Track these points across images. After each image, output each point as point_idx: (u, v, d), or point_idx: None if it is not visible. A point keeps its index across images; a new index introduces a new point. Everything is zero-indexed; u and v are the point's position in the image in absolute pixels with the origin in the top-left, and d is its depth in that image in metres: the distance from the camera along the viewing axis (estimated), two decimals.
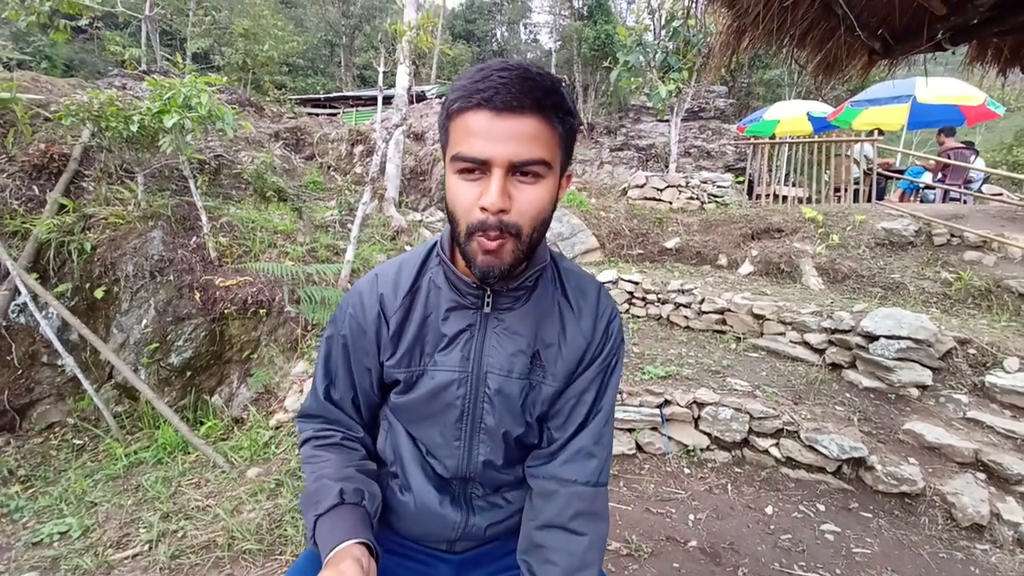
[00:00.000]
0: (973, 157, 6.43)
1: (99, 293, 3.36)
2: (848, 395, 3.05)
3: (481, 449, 0.87)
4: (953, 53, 1.66)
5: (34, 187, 3.62)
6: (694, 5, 1.55)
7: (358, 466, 0.87)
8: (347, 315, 0.90)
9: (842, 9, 1.40)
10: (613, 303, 0.93)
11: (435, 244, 0.88)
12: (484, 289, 0.83)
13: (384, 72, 5.87)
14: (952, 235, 4.80)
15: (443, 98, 0.76)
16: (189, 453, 2.93)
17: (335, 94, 13.49)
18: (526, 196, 0.69)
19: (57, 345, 3.11)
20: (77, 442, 3.19)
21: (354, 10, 20.93)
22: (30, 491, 2.72)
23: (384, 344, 0.87)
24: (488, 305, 0.84)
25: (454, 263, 0.83)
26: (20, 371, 3.30)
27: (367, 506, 0.81)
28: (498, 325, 0.84)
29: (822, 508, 2.45)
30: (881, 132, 6.64)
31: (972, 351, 3.10)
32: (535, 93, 0.66)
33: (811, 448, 2.64)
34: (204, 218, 3.70)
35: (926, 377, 2.97)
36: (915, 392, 2.99)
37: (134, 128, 3.32)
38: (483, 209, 0.68)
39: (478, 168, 0.68)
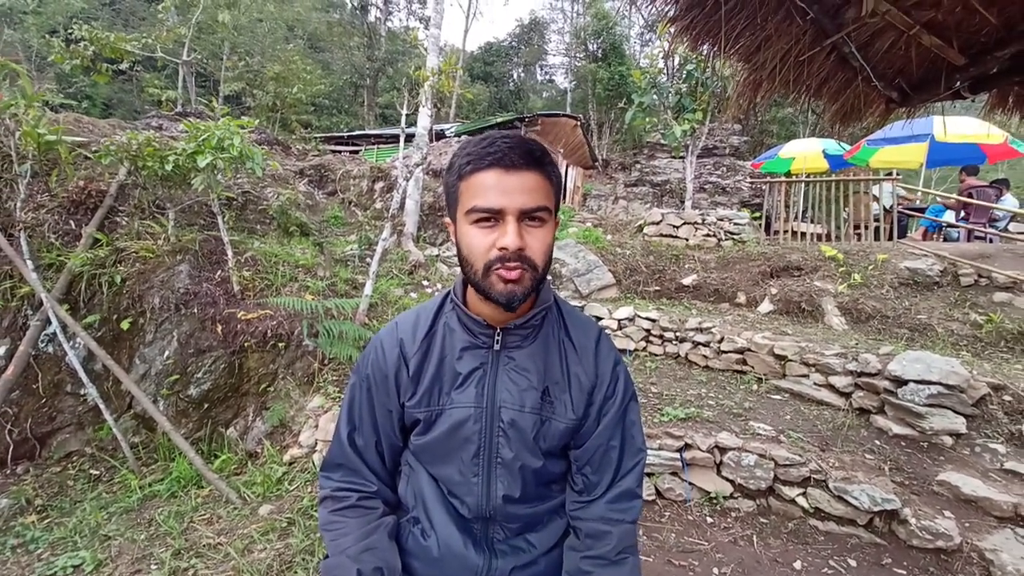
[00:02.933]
0: (1004, 194, 6.31)
1: (125, 324, 3.43)
2: (878, 442, 2.93)
3: (499, 484, 0.90)
4: (973, 101, 1.66)
5: (71, 222, 3.78)
6: (710, 57, 1.60)
7: (376, 529, 0.90)
8: (369, 361, 0.95)
9: (858, 61, 1.42)
10: (614, 344, 0.99)
11: (448, 293, 0.96)
12: (493, 328, 0.89)
13: (406, 113, 6.09)
14: (980, 275, 4.69)
15: (450, 164, 0.84)
16: (203, 487, 2.92)
17: (358, 132, 13.97)
18: (535, 237, 0.80)
19: (82, 375, 3.17)
20: (94, 472, 3.20)
21: (378, 54, 22.02)
22: (46, 521, 2.72)
23: (404, 386, 0.92)
24: (498, 343, 0.90)
25: (467, 307, 0.91)
26: (44, 400, 3.36)
27: None
28: (509, 363, 0.90)
29: (853, 564, 2.33)
30: (898, 172, 6.59)
31: (1007, 398, 2.97)
32: (533, 154, 0.79)
33: (840, 499, 2.53)
34: (229, 252, 3.80)
35: (959, 425, 2.85)
36: (948, 440, 2.86)
37: (169, 167, 3.46)
38: (501, 249, 0.77)
39: (493, 217, 0.78)
